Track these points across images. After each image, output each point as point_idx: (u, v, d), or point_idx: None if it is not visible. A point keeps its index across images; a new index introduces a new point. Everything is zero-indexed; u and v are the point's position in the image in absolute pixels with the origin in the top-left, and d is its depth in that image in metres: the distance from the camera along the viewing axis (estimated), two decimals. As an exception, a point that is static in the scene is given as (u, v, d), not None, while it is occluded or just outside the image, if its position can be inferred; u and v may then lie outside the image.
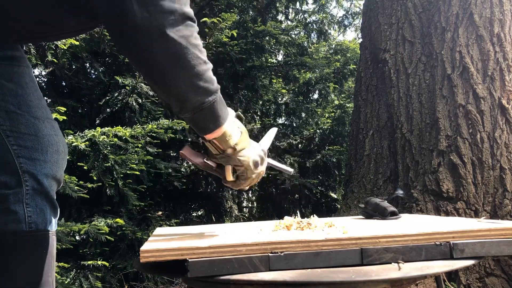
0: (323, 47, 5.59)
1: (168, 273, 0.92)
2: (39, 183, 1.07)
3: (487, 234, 0.97)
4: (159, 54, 0.87)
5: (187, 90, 0.92)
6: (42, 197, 1.08)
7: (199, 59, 0.92)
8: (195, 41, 0.91)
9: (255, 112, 4.88)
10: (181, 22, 0.88)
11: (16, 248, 1.03)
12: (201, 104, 0.94)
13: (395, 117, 2.82)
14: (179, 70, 0.90)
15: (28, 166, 1.06)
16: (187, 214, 4.17)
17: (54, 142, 1.13)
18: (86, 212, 3.03)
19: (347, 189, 3.11)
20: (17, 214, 1.03)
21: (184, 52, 0.89)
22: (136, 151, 3.03)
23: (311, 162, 4.73)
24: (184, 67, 0.90)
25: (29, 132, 1.07)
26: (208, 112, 0.96)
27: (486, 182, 2.33)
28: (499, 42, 2.53)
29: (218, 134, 1.01)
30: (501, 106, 2.43)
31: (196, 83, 0.92)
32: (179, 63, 0.89)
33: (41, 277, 1.05)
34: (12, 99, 1.06)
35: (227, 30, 3.96)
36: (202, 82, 0.93)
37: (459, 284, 2.15)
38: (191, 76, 0.91)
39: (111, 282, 2.79)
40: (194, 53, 0.90)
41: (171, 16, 0.86)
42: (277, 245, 0.89)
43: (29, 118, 1.08)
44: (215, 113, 0.98)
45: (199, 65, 0.92)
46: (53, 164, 1.11)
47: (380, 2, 3.17)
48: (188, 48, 0.89)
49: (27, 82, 1.11)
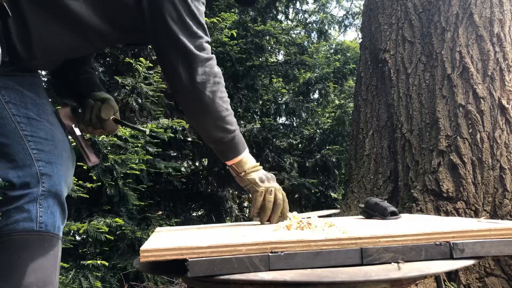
0: (323, 47, 5.59)
1: (168, 273, 0.92)
2: (54, 186, 1.15)
3: (487, 234, 0.97)
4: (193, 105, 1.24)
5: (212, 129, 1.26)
6: (54, 200, 1.15)
7: (222, 107, 1.24)
8: (221, 94, 1.24)
9: (255, 111, 4.88)
10: (212, 82, 1.21)
11: (25, 246, 1.08)
12: (222, 139, 1.27)
13: (395, 117, 2.82)
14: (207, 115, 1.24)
15: (46, 169, 1.14)
16: (187, 214, 4.17)
17: (67, 147, 1.23)
18: (85, 212, 3.03)
19: (347, 189, 3.11)
20: (29, 213, 1.10)
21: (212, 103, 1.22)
22: (136, 151, 3.03)
23: (311, 162, 4.73)
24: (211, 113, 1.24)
25: (47, 138, 1.17)
26: (228, 145, 1.29)
27: (486, 182, 2.33)
28: (499, 42, 2.53)
29: (235, 162, 1.33)
30: (501, 106, 2.43)
31: (219, 125, 1.25)
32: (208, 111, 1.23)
33: (47, 277, 1.10)
34: (33, 107, 1.16)
35: (227, 30, 3.96)
36: (224, 124, 1.26)
37: (459, 284, 2.15)
38: (216, 119, 1.25)
39: (111, 282, 2.79)
40: (219, 103, 1.23)
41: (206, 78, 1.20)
42: (277, 244, 0.88)
43: (47, 125, 1.18)
44: (232, 146, 1.30)
45: (222, 111, 1.24)
46: (67, 169, 1.21)
47: (380, 2, 3.17)
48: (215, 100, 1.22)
49: (42, 92, 1.22)
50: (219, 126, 1.25)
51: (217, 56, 4.05)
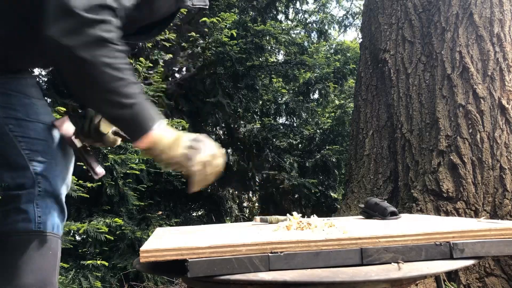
0: (323, 47, 5.59)
1: (168, 273, 0.92)
2: (51, 186, 1.13)
3: (487, 234, 0.97)
4: (68, 70, 0.97)
5: (101, 104, 1.00)
6: (52, 200, 1.14)
7: (112, 76, 0.95)
8: (108, 60, 0.94)
9: (255, 111, 4.88)
10: (95, 44, 0.92)
11: (24, 246, 1.07)
12: (120, 116, 1.00)
13: (395, 117, 2.82)
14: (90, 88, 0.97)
15: (41, 169, 1.12)
16: (187, 214, 4.17)
17: (62, 146, 1.20)
18: (85, 212, 3.03)
19: (347, 189, 3.11)
20: (27, 214, 1.09)
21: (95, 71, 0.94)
22: (135, 151, 3.03)
23: (311, 162, 4.73)
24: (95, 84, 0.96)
25: (39, 137, 1.14)
26: (129, 123, 1.01)
27: (486, 182, 2.33)
28: (499, 42, 2.53)
29: (148, 143, 1.02)
30: (501, 106, 2.43)
31: (108, 99, 0.97)
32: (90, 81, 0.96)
33: (46, 277, 1.09)
34: (21, 108, 1.14)
35: (227, 30, 3.96)
36: (116, 97, 0.97)
37: (459, 284, 2.15)
38: (103, 92, 0.96)
39: (111, 282, 2.79)
40: (106, 71, 0.94)
41: (84, 38, 0.92)
42: (277, 245, 0.88)
43: (38, 124, 1.15)
44: (135, 123, 1.01)
45: (112, 82, 0.95)
46: (63, 168, 1.19)
47: (380, 2, 3.17)
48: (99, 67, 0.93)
49: (32, 92, 1.19)
50: (110, 101, 0.98)
51: (217, 56, 4.09)
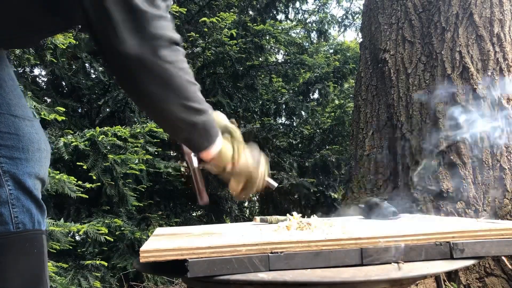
0: (323, 47, 5.59)
1: (168, 273, 0.92)
2: (21, 183, 1.06)
3: (487, 234, 0.97)
4: (146, 80, 0.88)
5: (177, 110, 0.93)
6: (26, 197, 1.07)
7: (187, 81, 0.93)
8: (182, 65, 0.92)
9: (255, 111, 4.87)
10: (168, 47, 0.89)
11: (7, 250, 1.02)
12: (194, 125, 0.95)
13: (395, 117, 2.82)
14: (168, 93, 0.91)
15: (9, 166, 1.05)
16: (187, 214, 4.16)
17: (35, 140, 1.12)
18: (84, 212, 3.02)
19: (347, 189, 3.10)
20: (3, 216, 1.03)
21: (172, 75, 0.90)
22: (135, 151, 3.03)
23: (311, 162, 4.73)
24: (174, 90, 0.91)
25: (9, 131, 1.06)
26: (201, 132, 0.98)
27: (486, 182, 2.33)
28: (499, 42, 2.53)
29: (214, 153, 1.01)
30: (501, 106, 2.43)
31: (186, 104, 0.93)
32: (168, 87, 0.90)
33: (34, 276, 1.05)
34: None
35: (226, 30, 3.95)
36: (192, 103, 0.94)
37: (459, 284, 2.15)
38: (181, 98, 0.92)
39: (110, 282, 2.78)
40: (182, 76, 0.91)
41: (158, 42, 0.87)
42: (277, 245, 0.88)
43: (9, 117, 1.07)
44: (207, 131, 0.98)
45: (188, 86, 0.93)
46: (35, 163, 1.11)
47: (380, 2, 3.17)
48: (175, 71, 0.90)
49: (6, 81, 1.10)
50: (186, 107, 0.93)
51: (216, 55, 4.09)
